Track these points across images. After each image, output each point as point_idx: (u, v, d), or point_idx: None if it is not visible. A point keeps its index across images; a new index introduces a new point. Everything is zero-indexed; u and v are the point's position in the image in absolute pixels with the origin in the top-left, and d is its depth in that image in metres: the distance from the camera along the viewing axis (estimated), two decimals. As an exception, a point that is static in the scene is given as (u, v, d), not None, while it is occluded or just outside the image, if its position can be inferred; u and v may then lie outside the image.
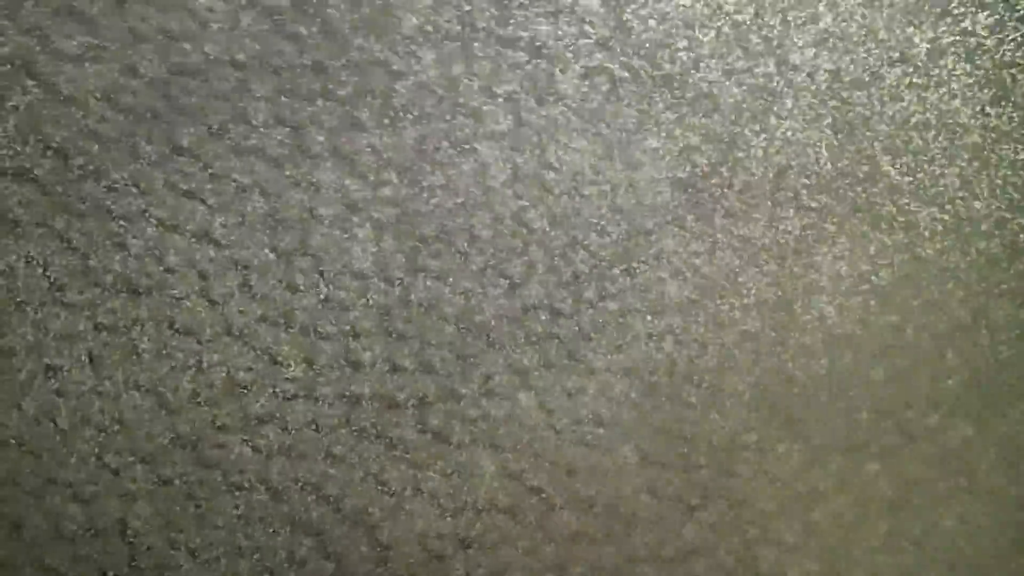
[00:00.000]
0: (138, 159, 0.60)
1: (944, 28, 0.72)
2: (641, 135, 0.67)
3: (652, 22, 0.68)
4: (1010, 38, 0.73)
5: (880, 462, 0.69)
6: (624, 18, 0.68)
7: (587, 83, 0.67)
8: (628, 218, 0.66)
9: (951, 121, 0.72)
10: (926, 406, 0.70)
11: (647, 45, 0.68)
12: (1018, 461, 0.71)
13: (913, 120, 0.72)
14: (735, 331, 0.67)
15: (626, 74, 0.68)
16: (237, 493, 0.60)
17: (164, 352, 0.60)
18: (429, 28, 0.65)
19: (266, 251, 0.61)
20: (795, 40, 0.70)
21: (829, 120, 0.70)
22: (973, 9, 0.72)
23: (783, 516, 0.67)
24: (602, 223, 0.66)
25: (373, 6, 0.64)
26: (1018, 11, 0.71)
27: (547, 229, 0.65)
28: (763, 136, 0.69)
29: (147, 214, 0.60)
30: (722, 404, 0.67)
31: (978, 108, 0.72)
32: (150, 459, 0.59)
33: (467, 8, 0.66)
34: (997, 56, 0.72)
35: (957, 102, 0.72)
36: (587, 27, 0.67)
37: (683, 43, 0.68)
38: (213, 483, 0.60)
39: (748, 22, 0.69)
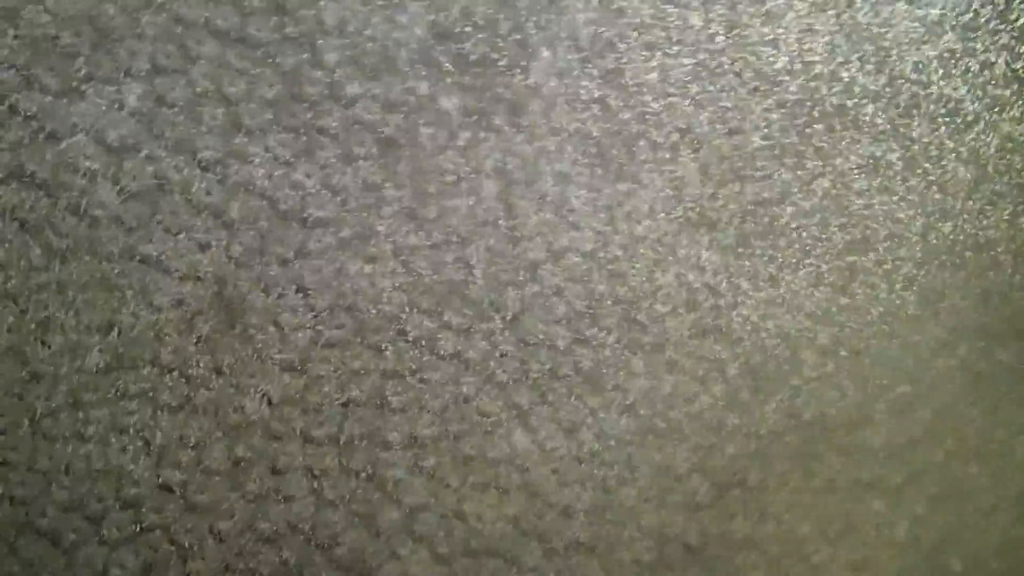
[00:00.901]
0: (124, 195, 0.58)
1: None
2: (638, 167, 0.66)
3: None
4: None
5: (886, 500, 0.67)
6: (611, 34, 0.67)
7: (585, 114, 0.66)
8: (625, 252, 0.65)
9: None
10: (930, 442, 0.68)
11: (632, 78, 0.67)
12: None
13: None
14: (737, 366, 0.66)
15: (621, 103, 0.67)
16: (224, 539, 0.58)
17: (149, 394, 0.58)
18: (422, 60, 0.64)
19: (256, 288, 0.60)
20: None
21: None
22: None
23: (788, 558, 0.65)
24: (599, 257, 0.65)
25: (363, 38, 0.63)
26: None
27: (544, 264, 0.64)
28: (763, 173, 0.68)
29: (133, 252, 0.58)
30: (725, 442, 0.65)
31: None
32: (133, 505, 0.57)
33: (460, 42, 0.65)
34: None
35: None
36: (577, 55, 0.66)
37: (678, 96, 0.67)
38: (199, 529, 0.57)
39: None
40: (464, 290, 0.63)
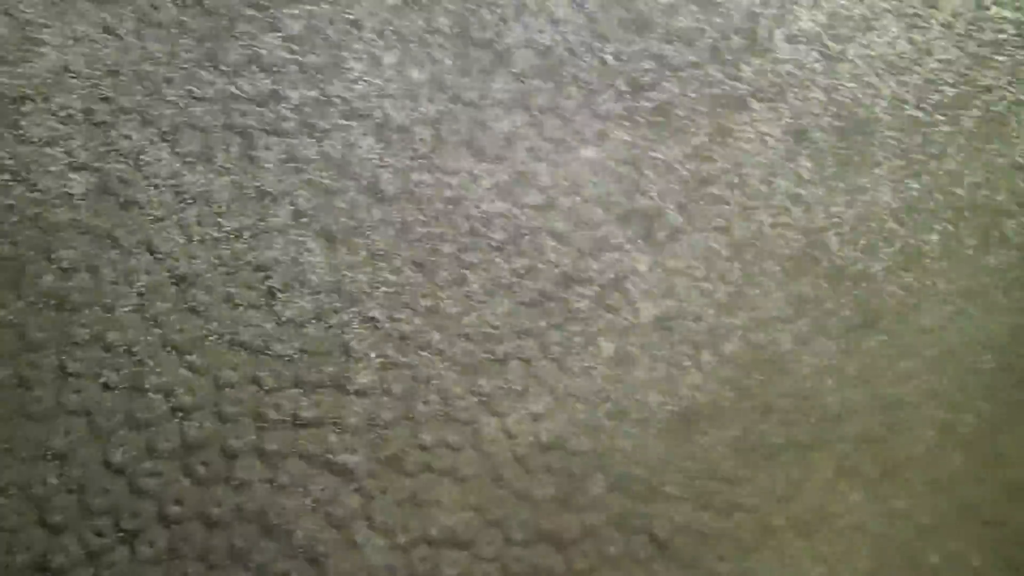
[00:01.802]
0: (72, 164, 0.56)
1: None
2: (608, 148, 0.63)
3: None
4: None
5: (863, 491, 0.65)
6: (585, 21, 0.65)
7: (562, 89, 0.63)
8: (597, 234, 0.63)
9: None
10: (910, 433, 0.66)
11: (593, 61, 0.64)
12: (1008, 492, 0.67)
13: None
14: (710, 353, 0.63)
15: (601, 80, 0.64)
16: (172, 525, 0.55)
17: (97, 372, 0.55)
18: (388, 30, 0.61)
19: (211, 264, 0.58)
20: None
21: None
22: None
23: (759, 551, 0.63)
24: (570, 239, 0.62)
25: (326, 7, 0.60)
26: None
27: (513, 244, 0.62)
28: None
29: (79, 223, 0.56)
30: (697, 431, 0.63)
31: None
32: (78, 488, 0.55)
33: (427, 15, 0.62)
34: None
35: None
36: (553, 32, 0.64)
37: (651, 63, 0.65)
38: (146, 514, 0.55)
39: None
40: (428, 270, 0.60)
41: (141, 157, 0.57)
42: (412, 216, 0.60)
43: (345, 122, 0.60)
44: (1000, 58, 0.70)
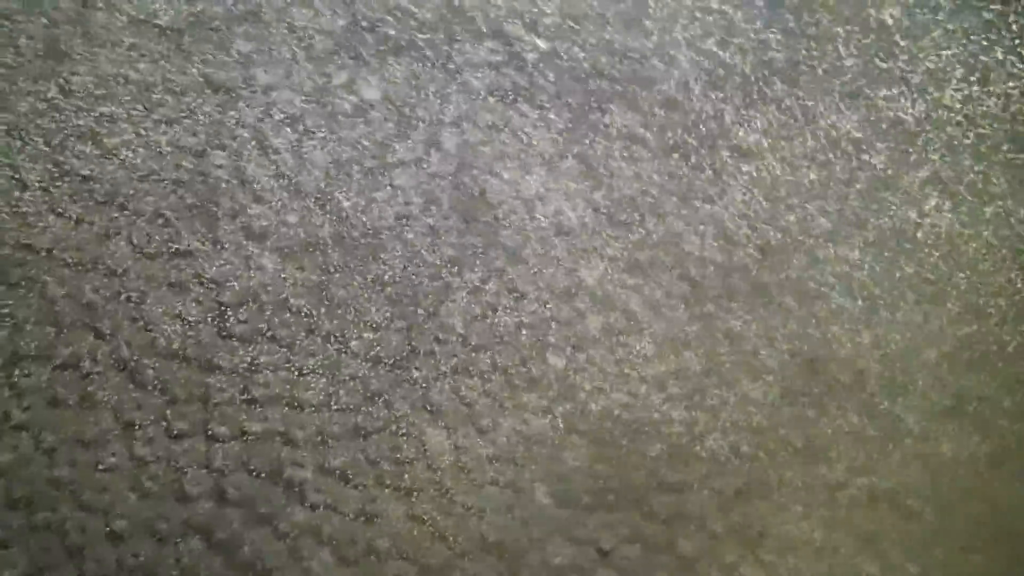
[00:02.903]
0: (23, 187, 0.56)
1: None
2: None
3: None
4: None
5: (805, 502, 0.66)
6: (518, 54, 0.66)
7: (508, 106, 0.65)
8: (548, 245, 0.64)
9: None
10: (857, 446, 0.67)
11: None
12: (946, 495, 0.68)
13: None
14: (660, 368, 0.65)
15: (554, 89, 0.65)
16: (119, 540, 0.56)
17: (46, 389, 0.56)
18: (340, 50, 0.63)
19: (160, 280, 0.58)
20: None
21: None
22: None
23: (704, 561, 0.64)
24: (522, 252, 0.64)
25: (280, 25, 0.61)
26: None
27: (463, 259, 0.63)
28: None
29: (19, 243, 0.56)
30: (644, 442, 0.64)
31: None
32: (25, 504, 0.55)
33: (383, 31, 0.63)
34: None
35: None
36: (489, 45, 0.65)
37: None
38: (93, 529, 0.55)
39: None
40: (381, 284, 0.61)
41: (89, 172, 0.58)
42: (361, 230, 0.61)
43: (300, 141, 0.61)
44: None
